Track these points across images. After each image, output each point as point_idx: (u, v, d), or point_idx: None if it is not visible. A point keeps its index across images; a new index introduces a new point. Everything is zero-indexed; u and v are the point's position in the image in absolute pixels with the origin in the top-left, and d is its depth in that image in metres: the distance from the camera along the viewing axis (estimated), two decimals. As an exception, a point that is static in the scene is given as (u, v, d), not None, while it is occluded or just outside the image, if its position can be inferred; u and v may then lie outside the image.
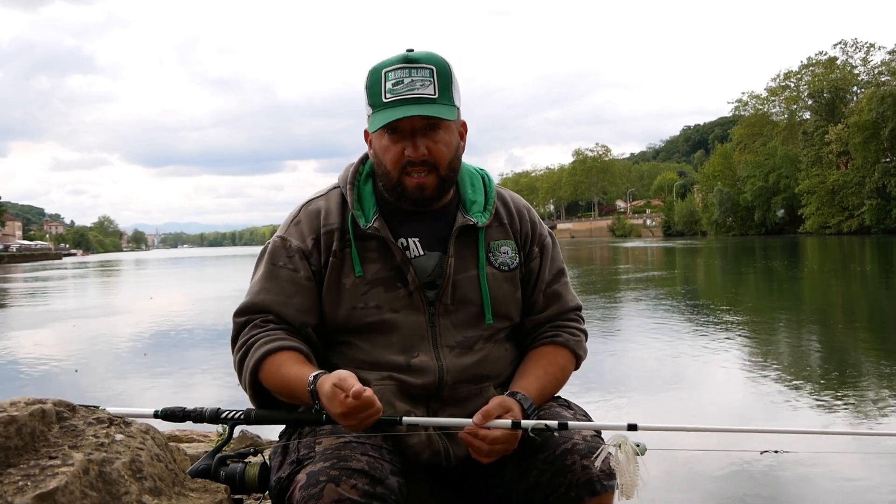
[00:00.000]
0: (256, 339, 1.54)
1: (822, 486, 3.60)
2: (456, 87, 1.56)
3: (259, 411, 1.53)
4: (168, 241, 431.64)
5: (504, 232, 1.68)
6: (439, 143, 1.53)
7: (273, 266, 1.61)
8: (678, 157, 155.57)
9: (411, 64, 1.50)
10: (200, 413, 1.57)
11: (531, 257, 1.70)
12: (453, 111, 1.54)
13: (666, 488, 3.64)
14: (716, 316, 10.84)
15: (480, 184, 1.70)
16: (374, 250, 1.59)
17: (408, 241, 1.61)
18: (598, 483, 1.41)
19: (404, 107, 1.48)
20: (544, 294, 1.70)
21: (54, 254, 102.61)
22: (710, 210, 78.68)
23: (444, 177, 1.56)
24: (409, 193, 1.55)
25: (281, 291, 1.58)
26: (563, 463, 1.44)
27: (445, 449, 1.55)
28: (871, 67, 66.26)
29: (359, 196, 1.63)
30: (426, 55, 1.53)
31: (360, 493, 1.29)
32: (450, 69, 1.54)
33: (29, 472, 1.35)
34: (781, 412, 5.11)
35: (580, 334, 1.71)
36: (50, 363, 8.22)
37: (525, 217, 1.72)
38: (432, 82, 1.50)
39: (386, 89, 1.50)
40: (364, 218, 1.59)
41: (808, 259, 25.50)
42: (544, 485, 1.45)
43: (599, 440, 1.49)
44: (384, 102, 1.50)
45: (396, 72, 1.50)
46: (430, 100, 1.50)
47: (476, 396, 1.60)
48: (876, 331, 9.19)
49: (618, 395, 5.64)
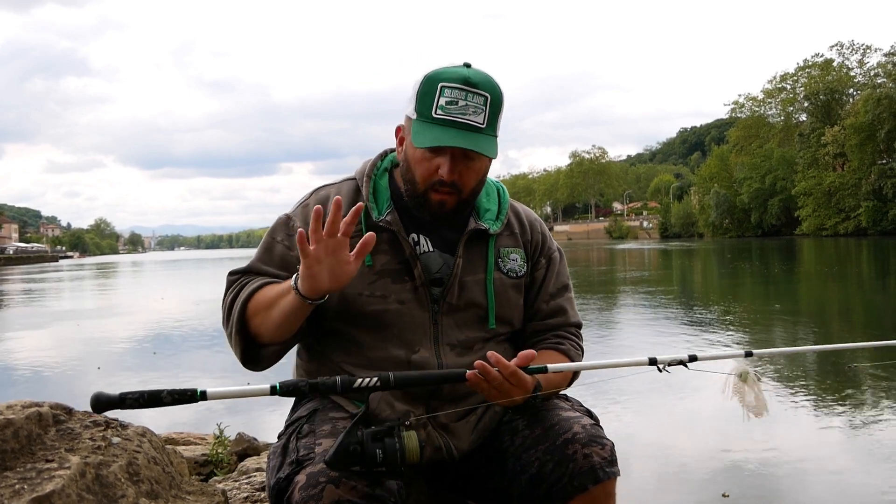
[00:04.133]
0: (248, 282, 1.59)
1: (818, 484, 3.61)
2: (502, 116, 1.58)
3: (399, 374, 1.35)
4: (165, 244, 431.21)
5: (514, 240, 1.71)
6: (471, 171, 1.56)
7: (271, 240, 1.65)
8: (675, 160, 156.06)
9: (469, 87, 1.51)
10: (329, 384, 1.31)
11: (537, 267, 1.73)
12: (494, 145, 1.56)
13: (660, 489, 3.65)
14: (715, 316, 10.86)
15: (495, 195, 1.74)
16: (384, 242, 1.60)
17: (418, 236, 1.63)
18: (601, 470, 1.43)
19: (453, 130, 1.49)
20: (548, 305, 1.72)
21: (51, 256, 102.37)
22: (707, 212, 78.87)
23: (465, 199, 1.59)
24: (430, 207, 1.58)
25: (272, 264, 1.62)
26: (564, 453, 1.45)
27: (447, 445, 1.56)
28: (868, 69, 66.64)
29: (374, 189, 1.66)
30: (485, 80, 1.53)
31: (359, 494, 1.29)
32: (502, 99, 1.56)
33: (25, 476, 1.34)
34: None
35: (580, 350, 1.73)
36: (70, 363, 8.22)
37: (536, 229, 1.77)
38: (484, 111, 1.51)
39: (438, 104, 1.50)
40: (377, 210, 1.62)
41: (805, 261, 25.57)
42: (547, 475, 1.45)
43: (598, 428, 1.51)
44: (434, 117, 1.51)
45: (454, 91, 1.50)
46: (478, 129, 1.51)
47: (473, 395, 1.61)
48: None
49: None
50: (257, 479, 2.65)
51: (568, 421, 1.50)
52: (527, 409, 1.56)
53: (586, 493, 1.42)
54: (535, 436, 1.51)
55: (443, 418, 1.59)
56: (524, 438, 1.53)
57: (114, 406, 1.21)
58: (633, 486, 3.51)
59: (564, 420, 1.51)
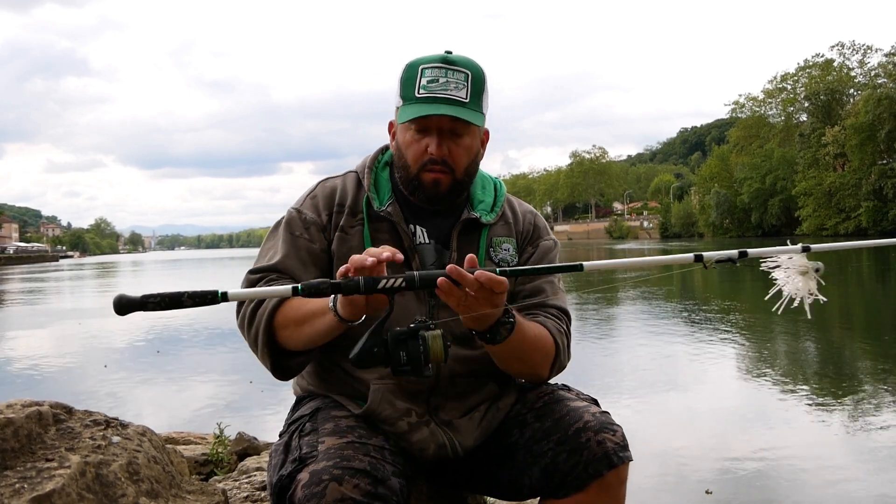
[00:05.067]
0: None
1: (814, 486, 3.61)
2: (486, 96, 1.59)
3: (423, 273, 1.32)
4: (165, 244, 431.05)
5: (507, 230, 1.71)
6: (461, 147, 1.57)
7: (291, 235, 1.63)
8: (675, 159, 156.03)
9: (449, 65, 1.53)
10: (353, 284, 1.27)
11: (524, 253, 1.73)
12: (481, 118, 1.58)
13: (657, 489, 3.65)
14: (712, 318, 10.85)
15: (492, 188, 1.75)
16: (384, 232, 1.62)
17: (416, 227, 1.64)
18: (615, 455, 1.44)
19: (435, 105, 1.51)
20: (527, 287, 1.68)
21: (51, 256, 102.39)
22: (707, 212, 78.84)
23: (459, 179, 1.59)
24: (424, 189, 1.58)
25: (298, 259, 1.60)
26: (577, 441, 1.46)
27: (451, 441, 1.57)
28: (868, 70, 66.62)
29: (375, 181, 1.67)
30: (464, 59, 1.56)
31: (362, 492, 1.29)
32: (484, 77, 1.58)
33: (25, 475, 1.35)
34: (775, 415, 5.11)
35: (563, 333, 1.64)
36: (69, 363, 8.22)
37: (529, 220, 1.76)
38: (466, 86, 1.53)
39: (420, 84, 1.53)
40: (378, 201, 1.63)
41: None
42: (560, 465, 1.47)
43: (607, 415, 1.53)
44: (416, 97, 1.53)
45: (433, 70, 1.53)
46: (461, 103, 1.53)
47: (474, 392, 1.63)
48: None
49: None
50: (257, 478, 2.65)
51: (577, 410, 1.52)
52: (532, 402, 1.57)
53: (601, 479, 1.44)
54: (545, 427, 1.52)
55: (446, 415, 1.59)
56: (534, 431, 1.54)
57: (135, 308, 1.21)
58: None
59: (574, 410, 1.53)
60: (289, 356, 1.55)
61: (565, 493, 1.47)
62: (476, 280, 1.30)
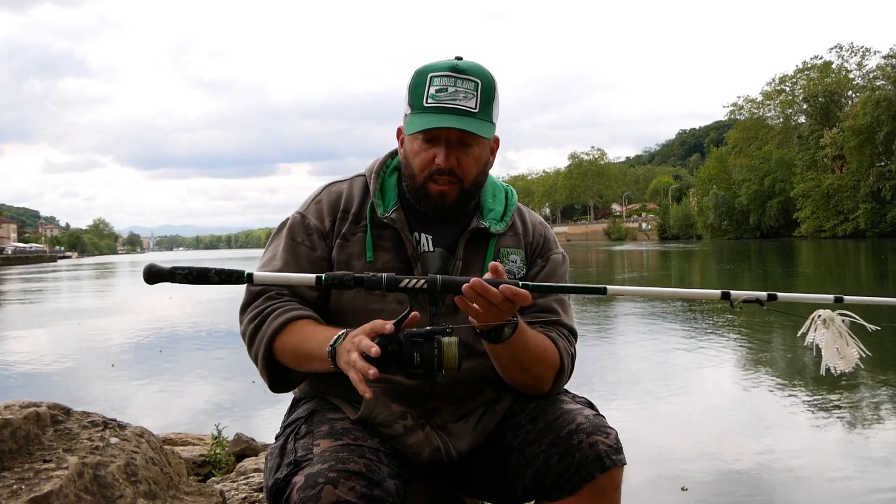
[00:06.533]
0: (273, 309, 1.54)
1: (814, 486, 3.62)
2: (497, 104, 1.57)
3: (445, 277, 1.34)
4: (164, 244, 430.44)
5: (517, 241, 1.69)
6: (469, 157, 1.55)
7: (292, 241, 1.63)
8: (674, 161, 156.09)
9: (458, 74, 1.50)
10: (375, 280, 1.31)
11: (534, 266, 1.71)
12: (490, 129, 1.55)
13: (655, 489, 3.65)
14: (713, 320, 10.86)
15: (503, 196, 1.72)
16: (387, 239, 1.61)
17: (421, 235, 1.63)
18: (607, 458, 1.43)
19: (444, 115, 1.49)
20: (538, 302, 1.66)
21: (49, 256, 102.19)
22: (706, 213, 78.95)
23: (466, 190, 1.58)
24: (430, 199, 1.57)
25: (298, 267, 1.59)
26: (569, 443, 1.45)
27: (445, 445, 1.56)
28: (867, 72, 66.76)
29: (381, 187, 1.66)
30: (474, 67, 1.53)
31: (357, 495, 1.29)
32: (494, 85, 1.55)
33: (23, 476, 1.34)
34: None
35: (569, 353, 1.63)
36: (70, 363, 8.21)
37: (539, 231, 1.74)
38: (475, 96, 1.51)
39: (429, 94, 1.50)
40: (383, 207, 1.62)
41: (804, 262, 25.59)
42: (553, 467, 1.46)
43: (601, 417, 1.51)
44: (424, 106, 1.51)
45: (442, 79, 1.50)
46: (470, 113, 1.50)
47: (471, 397, 1.62)
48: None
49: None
50: (255, 479, 2.65)
51: (570, 413, 1.50)
52: (526, 404, 1.57)
53: (593, 481, 1.42)
54: (538, 429, 1.51)
55: (442, 419, 1.59)
56: (527, 433, 1.53)
57: (164, 279, 1.28)
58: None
59: (567, 412, 1.51)
60: (288, 370, 1.57)
61: (557, 496, 1.46)
62: (500, 294, 1.31)
